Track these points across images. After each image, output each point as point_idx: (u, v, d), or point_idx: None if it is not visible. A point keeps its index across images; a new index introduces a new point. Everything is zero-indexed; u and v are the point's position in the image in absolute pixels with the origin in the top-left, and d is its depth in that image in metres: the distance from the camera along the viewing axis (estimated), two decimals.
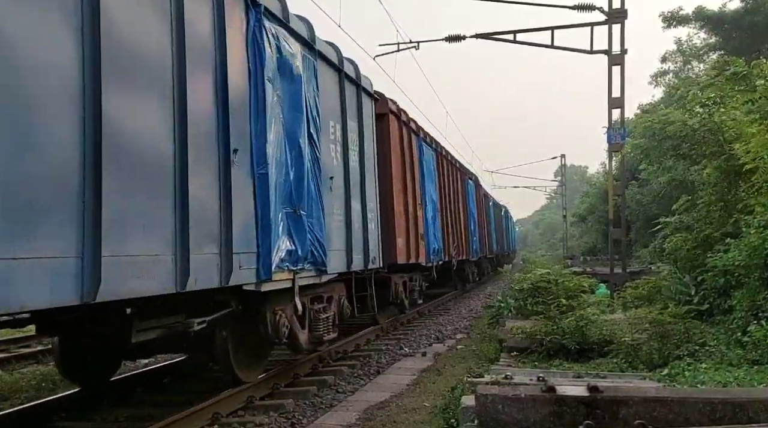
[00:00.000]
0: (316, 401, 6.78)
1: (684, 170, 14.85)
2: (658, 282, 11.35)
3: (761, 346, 6.88)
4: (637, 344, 7.47)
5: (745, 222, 8.74)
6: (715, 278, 9.07)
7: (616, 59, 14.54)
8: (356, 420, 5.82)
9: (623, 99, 14.65)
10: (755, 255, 7.98)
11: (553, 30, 15.49)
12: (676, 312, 8.64)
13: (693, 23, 32.05)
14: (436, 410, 5.87)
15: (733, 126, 10.26)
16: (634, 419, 3.53)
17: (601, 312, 9.88)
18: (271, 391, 7.03)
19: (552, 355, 7.94)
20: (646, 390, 4.37)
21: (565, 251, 43.59)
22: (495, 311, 12.08)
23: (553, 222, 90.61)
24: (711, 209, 11.22)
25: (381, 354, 9.61)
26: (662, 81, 38.39)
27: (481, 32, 16.80)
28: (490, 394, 3.78)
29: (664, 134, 11.99)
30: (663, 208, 18.23)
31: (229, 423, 5.94)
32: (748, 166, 8.98)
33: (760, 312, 7.56)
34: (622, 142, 14.65)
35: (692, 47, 35.72)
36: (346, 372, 8.25)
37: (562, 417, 3.61)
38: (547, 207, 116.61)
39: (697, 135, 11.29)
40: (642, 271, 17.13)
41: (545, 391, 3.74)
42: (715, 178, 11.17)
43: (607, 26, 14.64)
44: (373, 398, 6.65)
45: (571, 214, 47.70)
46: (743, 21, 28.27)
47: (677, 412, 3.59)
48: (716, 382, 5.87)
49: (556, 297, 9.88)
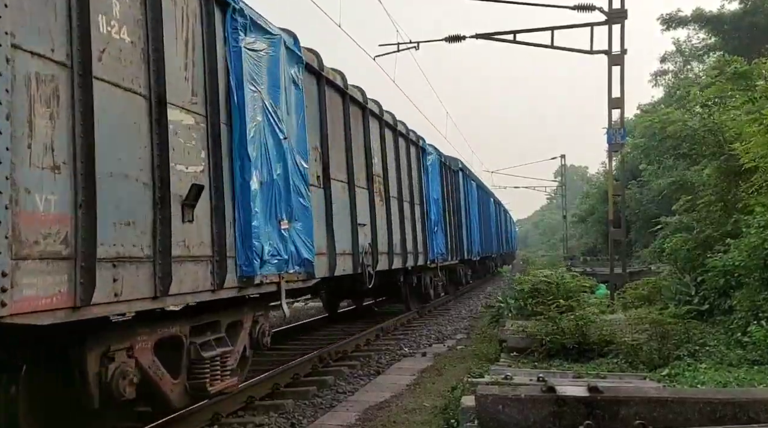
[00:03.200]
0: (316, 401, 6.78)
1: (684, 170, 14.86)
2: (658, 282, 11.34)
3: (761, 346, 6.88)
4: (637, 344, 7.45)
5: (745, 222, 8.74)
6: (715, 278, 9.06)
7: (616, 59, 14.51)
8: (356, 420, 5.82)
9: (623, 99, 14.62)
10: (755, 255, 7.98)
11: (553, 30, 15.45)
12: (676, 313, 8.64)
13: (692, 24, 32.05)
14: (436, 410, 5.88)
15: (733, 126, 10.25)
16: (634, 419, 3.53)
17: (601, 312, 9.87)
18: (271, 391, 7.03)
19: (552, 355, 7.93)
20: (646, 390, 4.37)
21: (565, 251, 43.57)
22: (495, 311, 12.06)
23: (553, 222, 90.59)
24: (711, 209, 11.22)
25: (381, 354, 9.61)
26: (662, 81, 38.39)
27: (481, 32, 16.75)
28: (490, 394, 3.78)
29: (664, 134, 12.00)
30: (663, 208, 18.24)
31: (229, 423, 5.94)
32: (748, 166, 8.98)
33: (760, 312, 7.55)
34: (622, 142, 14.64)
35: (691, 48, 35.70)
36: (346, 372, 8.25)
37: (562, 417, 3.61)
38: (547, 207, 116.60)
39: (697, 135, 11.29)
40: (642, 271, 17.13)
41: (545, 391, 3.75)
42: (715, 178, 11.18)
43: (607, 26, 14.62)
44: (373, 398, 6.65)
45: (571, 214, 47.72)
46: (743, 21, 28.30)
47: (677, 412, 3.59)
48: (716, 382, 5.86)
49: (556, 298, 9.87)
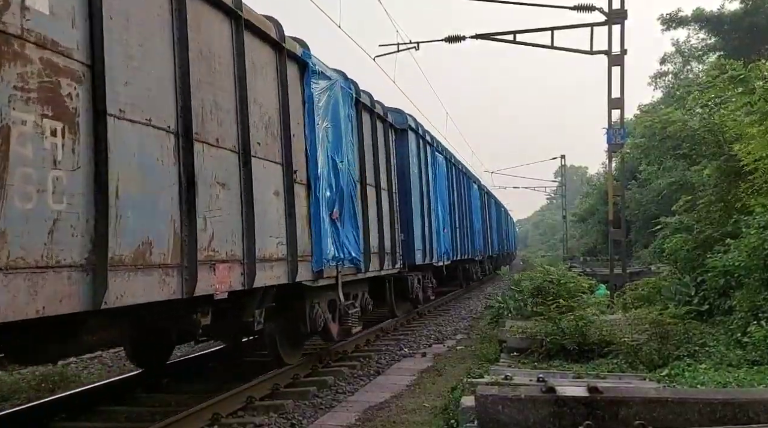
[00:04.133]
0: (315, 401, 6.78)
1: (684, 170, 14.86)
2: (658, 283, 11.33)
3: (761, 347, 6.87)
4: (637, 344, 7.45)
5: (745, 223, 8.74)
6: (715, 278, 9.05)
7: (616, 60, 14.52)
8: (356, 420, 5.81)
9: (623, 99, 14.63)
10: (755, 256, 7.98)
11: (553, 30, 15.46)
12: (676, 313, 8.64)
13: (692, 25, 32.07)
14: (436, 410, 5.88)
15: (733, 127, 10.25)
16: (634, 419, 3.53)
17: (601, 313, 9.87)
18: (271, 391, 7.02)
19: (552, 356, 7.93)
20: (646, 390, 4.37)
21: (565, 251, 43.59)
22: (495, 311, 12.06)
23: (553, 223, 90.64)
24: (711, 209, 11.21)
25: (381, 354, 9.61)
26: (661, 83, 38.40)
27: (481, 33, 16.77)
28: (489, 395, 3.78)
29: (664, 134, 11.99)
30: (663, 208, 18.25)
31: (229, 424, 5.94)
32: (749, 167, 8.98)
33: (760, 313, 7.55)
34: (622, 142, 14.65)
35: (691, 48, 35.72)
36: (346, 372, 8.24)
37: (562, 417, 3.61)
38: (547, 208, 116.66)
39: (697, 135, 11.28)
40: (642, 271, 17.14)
41: (545, 392, 3.75)
42: (715, 178, 11.17)
43: (607, 27, 14.63)
44: (373, 398, 6.65)
45: (571, 214, 47.75)
46: (743, 22, 28.31)
47: (677, 413, 3.59)
48: (716, 383, 5.86)
49: (556, 298, 9.87)
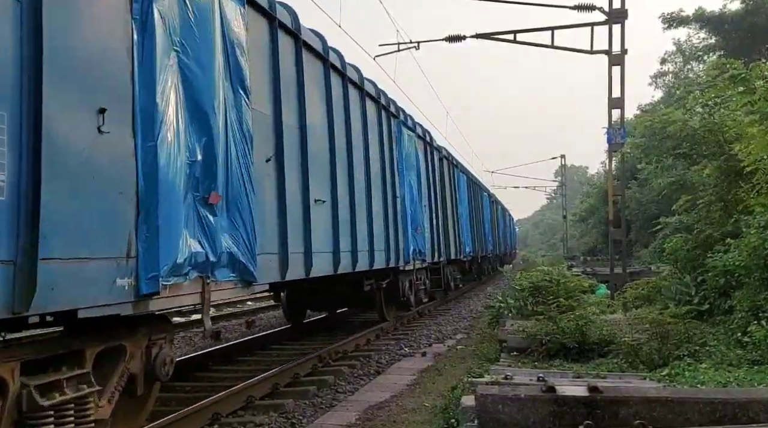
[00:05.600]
0: (316, 401, 6.78)
1: (684, 170, 14.85)
2: (658, 283, 11.34)
3: (761, 346, 6.87)
4: (637, 344, 7.45)
5: (745, 222, 8.73)
6: (716, 278, 9.05)
7: (616, 59, 14.53)
8: (356, 420, 5.81)
9: (623, 99, 14.64)
10: (755, 255, 7.98)
11: (554, 30, 15.48)
12: (676, 313, 8.64)
13: (693, 24, 32.08)
14: (436, 410, 5.87)
15: (733, 126, 10.24)
16: (634, 419, 3.53)
17: (601, 312, 9.87)
18: (271, 391, 7.02)
19: (552, 355, 7.92)
20: (646, 390, 4.37)
21: (566, 251, 43.62)
22: (495, 311, 12.05)
23: (553, 222, 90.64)
24: (711, 209, 11.21)
25: (381, 354, 9.61)
26: (662, 82, 38.42)
27: (481, 32, 16.80)
28: (490, 394, 3.78)
29: (664, 134, 11.98)
30: (663, 208, 18.25)
31: (229, 423, 5.93)
32: (749, 168, 8.97)
33: (761, 312, 7.54)
34: (622, 142, 14.65)
35: (691, 48, 35.73)
36: (346, 372, 8.24)
37: (562, 417, 3.61)
38: (547, 207, 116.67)
39: (698, 135, 11.27)
40: (642, 271, 17.13)
41: (545, 391, 3.75)
42: (715, 178, 11.16)
43: (608, 26, 14.64)
44: (373, 398, 6.64)
45: (571, 214, 47.76)
46: (744, 22, 28.30)
47: (677, 412, 3.59)
48: (716, 382, 5.85)
49: (557, 297, 9.87)
